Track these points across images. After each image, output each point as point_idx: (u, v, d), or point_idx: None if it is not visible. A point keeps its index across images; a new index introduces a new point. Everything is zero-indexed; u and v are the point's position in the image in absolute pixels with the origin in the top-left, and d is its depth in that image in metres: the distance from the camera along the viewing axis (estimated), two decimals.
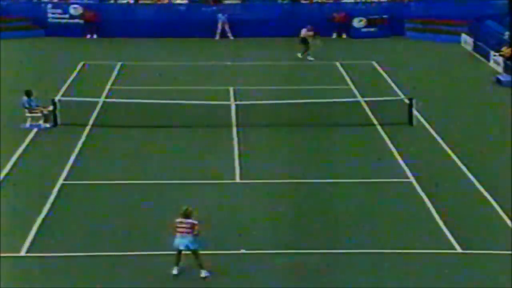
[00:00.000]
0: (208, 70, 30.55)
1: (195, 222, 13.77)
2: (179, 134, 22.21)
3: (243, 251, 14.97)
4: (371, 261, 14.75)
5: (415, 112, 23.30)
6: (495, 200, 17.40)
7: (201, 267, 13.82)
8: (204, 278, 13.75)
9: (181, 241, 13.74)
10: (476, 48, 33.73)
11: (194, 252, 13.82)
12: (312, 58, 32.13)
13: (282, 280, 13.95)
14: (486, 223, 16.44)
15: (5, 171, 19.10)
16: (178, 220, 13.81)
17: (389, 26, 37.55)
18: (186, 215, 13.78)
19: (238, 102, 24.66)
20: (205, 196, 17.79)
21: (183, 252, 13.86)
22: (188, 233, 13.70)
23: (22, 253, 14.93)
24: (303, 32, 32.50)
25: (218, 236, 15.63)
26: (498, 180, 18.62)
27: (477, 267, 14.62)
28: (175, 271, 13.88)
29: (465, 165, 19.62)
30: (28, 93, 23.03)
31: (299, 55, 32.41)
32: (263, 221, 16.55)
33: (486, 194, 17.80)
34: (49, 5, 37.79)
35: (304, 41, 32.39)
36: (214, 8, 37.99)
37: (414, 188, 18.24)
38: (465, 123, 23.61)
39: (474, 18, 35.70)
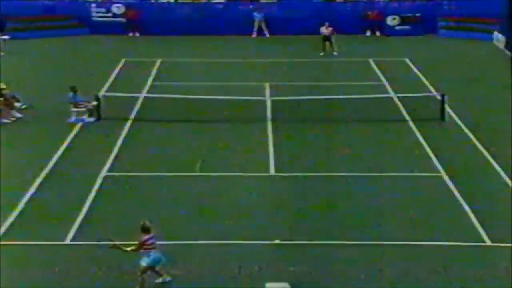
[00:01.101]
0: (245, 66, 30.65)
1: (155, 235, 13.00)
2: (216, 128, 22.36)
3: (277, 241, 15.07)
4: (402, 252, 14.74)
5: (447, 108, 23.14)
6: None
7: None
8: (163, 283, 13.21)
9: (159, 256, 13.06)
10: (508, 46, 33.28)
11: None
12: (322, 53, 32.10)
13: (316, 269, 13.99)
14: None
15: (52, 163, 19.43)
16: (146, 237, 12.97)
17: (422, 24, 37.24)
18: (148, 230, 13.00)
19: (273, 98, 24.73)
20: (241, 187, 17.93)
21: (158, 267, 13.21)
22: (155, 248, 13.01)
23: (67, 241, 15.20)
24: (323, 30, 32.39)
25: (253, 226, 15.76)
26: None
27: (506, 260, 14.51)
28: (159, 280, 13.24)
29: (495, 160, 19.45)
30: (74, 89, 23.39)
31: (335, 52, 32.34)
32: (297, 212, 16.62)
33: None
34: (93, 4, 38.24)
35: (327, 38, 32.33)
36: (251, 6, 38.08)
37: (445, 182, 18.16)
38: (496, 120, 23.35)
39: (507, 16, 35.22)
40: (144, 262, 13.00)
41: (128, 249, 13.10)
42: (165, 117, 23.05)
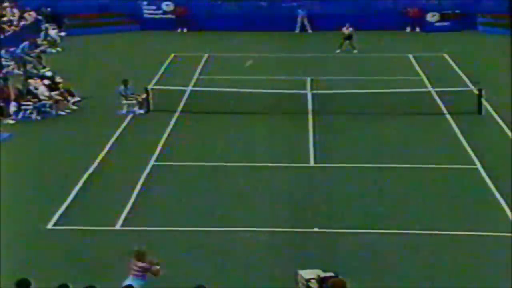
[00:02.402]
0: (288, 61, 30.60)
1: (147, 266, 11.68)
2: (260, 120, 22.40)
3: (316, 229, 15.07)
4: (435, 242, 14.60)
5: (484, 102, 22.76)
6: None
7: None
8: None
9: (132, 282, 11.44)
10: None
11: None
12: (338, 50, 31.97)
13: (354, 257, 13.94)
14: None
15: (103, 153, 19.73)
16: (132, 261, 11.74)
17: (462, 20, 36.63)
18: (139, 258, 11.72)
19: (314, 91, 24.65)
20: (282, 178, 17.95)
21: None
22: (137, 276, 11.67)
23: (118, 226, 15.43)
24: (345, 30, 32.19)
25: (293, 215, 15.78)
26: None
27: None
28: None
29: None
30: (125, 82, 23.70)
31: (354, 51, 32.02)
32: (336, 202, 16.58)
33: None
34: (144, 2, 38.62)
35: (349, 37, 32.16)
36: (295, 4, 37.99)
37: (480, 174, 17.90)
38: None
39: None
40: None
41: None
42: (210, 109, 23.18)
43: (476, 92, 23.23)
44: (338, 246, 14.44)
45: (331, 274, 12.09)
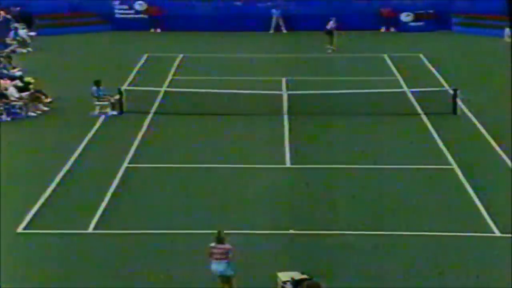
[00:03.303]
0: (262, 62, 30.62)
1: (230, 247, 12.41)
2: (234, 122, 22.38)
3: (292, 231, 15.06)
4: (412, 243, 14.68)
5: (459, 103, 22.97)
6: None
7: None
8: None
9: (216, 267, 12.40)
10: None
11: (229, 278, 12.48)
12: (331, 50, 32.05)
13: (331, 259, 13.98)
14: None
15: (75, 155, 19.54)
16: (212, 245, 12.48)
17: (436, 20, 37.00)
18: (220, 240, 12.43)
19: (289, 92, 24.69)
20: (257, 179, 17.92)
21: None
22: (222, 259, 12.36)
23: (90, 230, 15.29)
24: (330, 24, 32.42)
25: (268, 217, 15.76)
26: None
27: None
28: None
29: (506, 154, 19.28)
30: (97, 83, 23.51)
31: (329, 48, 32.17)
32: (311, 203, 16.60)
33: None
34: (116, 2, 38.38)
35: (330, 33, 32.39)
36: (269, 3, 38.02)
37: (456, 174, 18.04)
38: (508, 114, 23.10)
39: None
40: (227, 272, 12.52)
41: None
42: (185, 110, 23.09)
43: (451, 92, 23.43)
44: (315, 248, 14.44)
45: (305, 276, 12.15)
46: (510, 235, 14.87)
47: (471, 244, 14.64)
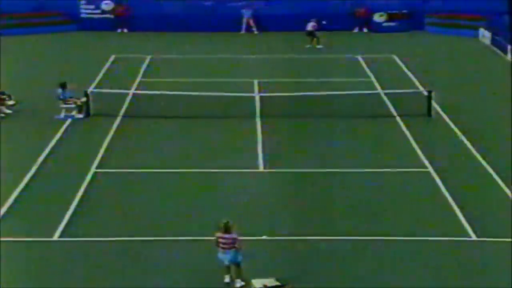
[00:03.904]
0: (234, 63, 30.58)
1: (236, 236, 13.00)
2: (205, 124, 22.29)
3: (265, 237, 15.01)
4: (388, 247, 14.71)
5: (433, 104, 23.15)
6: (509, 189, 17.27)
7: (239, 277, 13.06)
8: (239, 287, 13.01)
9: (224, 256, 12.99)
10: (494, 42, 33.38)
11: (237, 265, 13.06)
12: (320, 46, 32.85)
13: (302, 265, 13.95)
14: (501, 212, 16.31)
15: (40, 159, 19.29)
16: (219, 234, 13.02)
17: (409, 20, 37.30)
18: (227, 229, 12.98)
19: (262, 94, 24.67)
20: (229, 184, 17.85)
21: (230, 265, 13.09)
22: (230, 248, 12.92)
23: (55, 237, 15.07)
24: (310, 26, 32.93)
25: (240, 222, 15.66)
26: None
27: (491, 254, 14.54)
28: (227, 279, 13.08)
29: (482, 155, 19.47)
30: (63, 85, 23.25)
31: (307, 46, 32.82)
32: (285, 208, 16.57)
33: (501, 183, 17.68)
34: (82, 1, 38.07)
35: (311, 34, 33.01)
36: (240, 4, 38.00)
37: (431, 177, 18.15)
38: (483, 115, 23.42)
39: (492, 12, 35.33)
40: (235, 260, 13.04)
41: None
42: (154, 113, 22.95)
43: (425, 94, 23.61)
44: (289, 254, 14.40)
45: (279, 283, 12.12)
46: (486, 239, 14.99)
47: (447, 248, 14.71)
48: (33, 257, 14.35)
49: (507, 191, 17.27)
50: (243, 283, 13.03)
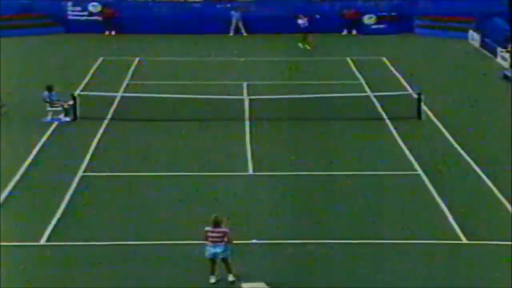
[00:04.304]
0: (222, 65, 30.55)
1: (226, 230, 13.08)
2: (194, 128, 22.24)
3: (254, 241, 14.98)
4: (379, 250, 14.72)
5: (423, 107, 23.20)
6: (500, 192, 17.32)
7: (230, 272, 13.21)
8: (232, 282, 13.13)
9: (213, 250, 13.05)
10: (483, 44, 33.53)
11: (225, 260, 13.18)
12: (309, 48, 32.86)
13: (292, 268, 13.94)
14: (491, 215, 16.37)
15: (26, 163, 19.18)
16: (208, 228, 13.10)
17: (399, 23, 37.40)
18: (216, 224, 13.06)
19: (251, 97, 24.65)
20: (219, 187, 17.81)
21: (217, 260, 13.17)
22: (219, 242, 13.00)
23: (42, 241, 14.99)
24: (300, 22, 33.09)
25: (231, 226, 15.63)
26: (504, 172, 18.53)
27: (481, 257, 14.57)
28: (212, 280, 13.14)
29: (472, 158, 19.52)
30: (49, 88, 23.13)
31: (300, 45, 32.82)
32: (275, 211, 16.55)
33: (492, 186, 17.73)
34: (69, 3, 37.93)
35: (305, 32, 33.24)
36: (228, 5, 38.00)
37: (421, 180, 18.18)
38: (472, 118, 23.50)
39: (482, 15, 35.50)
40: (224, 255, 13.19)
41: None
42: (142, 116, 22.88)
43: (415, 96, 23.66)
44: (279, 258, 14.37)
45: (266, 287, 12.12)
46: (476, 241, 15.03)
47: (438, 251, 14.73)
48: (20, 261, 14.23)
49: (497, 193, 17.32)
50: (234, 279, 13.10)
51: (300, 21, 33.07)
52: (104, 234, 15.34)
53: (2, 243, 14.80)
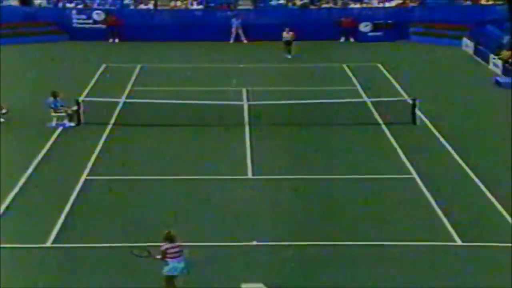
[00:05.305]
0: (223, 72, 30.59)
1: (183, 243, 12.53)
2: (195, 133, 22.26)
3: (254, 243, 15.00)
4: (375, 252, 14.75)
5: (418, 112, 23.24)
6: (493, 195, 17.36)
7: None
8: None
9: (180, 266, 12.45)
10: (476, 51, 33.60)
11: (176, 277, 12.47)
12: (289, 56, 32.78)
13: (289, 270, 13.96)
14: (484, 217, 16.41)
15: (32, 167, 19.21)
16: (168, 245, 12.40)
17: (394, 30, 37.47)
18: (172, 239, 12.42)
19: (250, 102, 24.68)
20: (219, 191, 17.83)
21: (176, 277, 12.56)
22: (179, 256, 12.43)
23: (49, 243, 15.02)
24: (285, 35, 32.98)
25: (231, 228, 15.68)
26: (496, 176, 18.59)
27: (476, 258, 14.60)
28: None
29: (465, 162, 19.56)
30: (54, 94, 23.17)
31: (289, 56, 32.58)
32: (274, 214, 16.57)
33: (484, 189, 17.77)
34: (74, 11, 38.00)
35: (289, 43, 32.92)
36: (229, 13, 38.06)
37: (416, 183, 18.21)
38: (466, 123, 23.54)
39: (475, 23, 35.59)
40: (163, 271, 12.55)
41: (157, 257, 12.53)
42: (144, 121, 22.91)
43: (410, 102, 23.70)
44: (277, 260, 14.39)
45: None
46: (471, 243, 15.05)
47: (433, 253, 14.75)
48: (27, 263, 14.26)
49: (490, 196, 17.35)
50: None
51: (284, 34, 33.06)
52: (106, 236, 15.35)
53: (9, 245, 14.82)
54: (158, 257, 12.51)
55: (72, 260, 14.42)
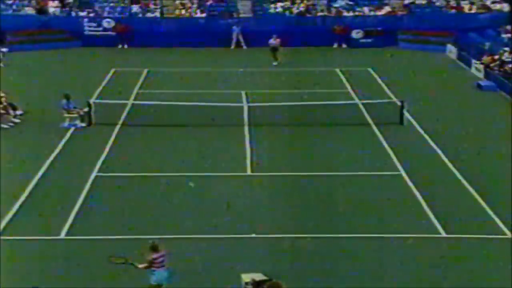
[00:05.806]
0: (224, 76, 30.61)
1: (165, 252, 12.12)
2: (198, 133, 22.29)
3: (253, 235, 15.04)
4: (364, 245, 14.79)
5: (405, 113, 23.28)
6: (475, 189, 17.41)
7: None
8: None
9: (166, 274, 12.04)
10: (459, 57, 33.65)
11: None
12: (275, 63, 32.32)
13: (286, 261, 14.00)
14: (467, 210, 16.45)
15: (46, 164, 19.24)
16: (155, 255, 11.96)
17: (384, 37, 37.49)
18: (156, 248, 11.99)
19: (249, 104, 24.71)
20: (220, 187, 17.87)
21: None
22: (163, 266, 11.98)
23: (62, 235, 15.06)
24: (272, 41, 32.65)
25: (231, 222, 15.72)
26: (478, 171, 18.64)
27: (459, 249, 14.64)
28: None
29: (449, 159, 19.61)
30: (67, 96, 23.20)
31: (274, 63, 32.43)
32: (271, 208, 16.62)
33: (467, 184, 17.82)
34: (85, 19, 38.02)
35: (275, 49, 32.61)
36: (230, 21, 38.08)
37: (403, 180, 18.25)
38: (450, 123, 23.59)
39: (458, 30, 35.65)
40: (150, 280, 12.14)
41: (140, 266, 12.11)
42: (151, 122, 22.94)
43: (398, 104, 23.73)
44: (274, 251, 14.43)
45: (265, 277, 12.16)
46: (455, 235, 15.09)
47: (419, 244, 14.78)
48: (42, 253, 14.30)
49: (472, 191, 17.40)
50: None
51: (271, 40, 32.93)
52: (115, 229, 15.39)
53: (25, 237, 14.87)
54: (141, 266, 12.05)
55: (84, 251, 14.45)
